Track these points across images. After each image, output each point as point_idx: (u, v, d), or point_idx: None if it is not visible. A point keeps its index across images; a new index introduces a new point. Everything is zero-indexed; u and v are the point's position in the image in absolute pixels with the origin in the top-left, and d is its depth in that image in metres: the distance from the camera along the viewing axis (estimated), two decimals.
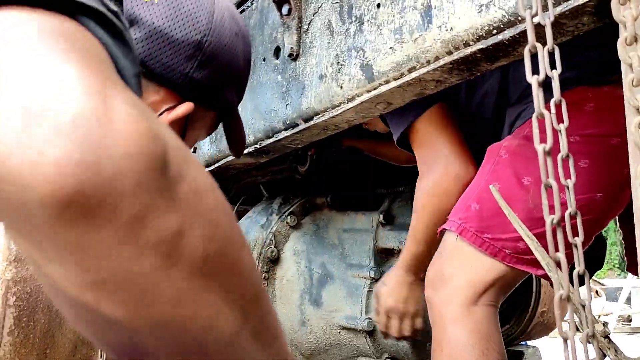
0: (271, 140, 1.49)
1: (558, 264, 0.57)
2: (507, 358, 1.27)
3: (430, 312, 1.31)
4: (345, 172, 2.25)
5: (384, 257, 1.91)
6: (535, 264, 1.22)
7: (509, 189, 1.22)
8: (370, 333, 1.83)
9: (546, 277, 1.27)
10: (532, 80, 0.65)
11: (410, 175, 2.04)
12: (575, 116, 1.18)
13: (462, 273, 1.25)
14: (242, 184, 2.27)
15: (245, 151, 1.59)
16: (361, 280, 1.89)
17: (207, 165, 1.78)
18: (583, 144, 1.19)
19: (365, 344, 1.86)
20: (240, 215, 2.23)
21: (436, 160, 1.47)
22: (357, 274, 1.91)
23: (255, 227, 2.01)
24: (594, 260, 1.64)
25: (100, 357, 1.44)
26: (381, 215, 1.90)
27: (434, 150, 1.48)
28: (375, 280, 1.86)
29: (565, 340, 0.55)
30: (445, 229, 1.32)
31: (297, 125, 1.38)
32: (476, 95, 1.53)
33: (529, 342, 2.44)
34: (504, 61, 0.97)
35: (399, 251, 1.86)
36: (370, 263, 1.89)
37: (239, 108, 1.59)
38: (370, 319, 1.82)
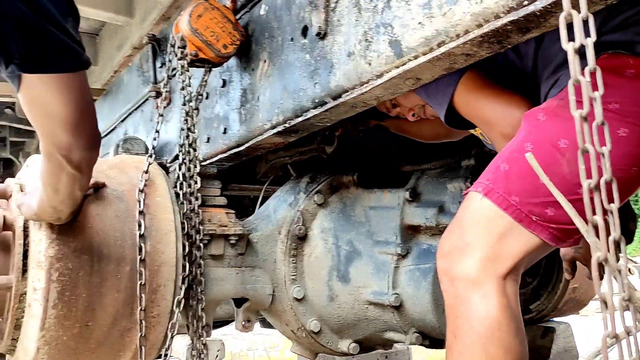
0: (300, 119, 1.49)
1: (595, 228, 0.57)
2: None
3: (448, 286, 1.20)
4: (372, 151, 2.25)
5: (410, 233, 1.91)
6: (560, 234, 1.17)
7: (544, 151, 1.14)
8: (397, 308, 1.83)
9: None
10: (568, 46, 0.64)
11: (435, 153, 2.03)
12: (614, 81, 1.13)
13: (487, 242, 1.15)
14: (270, 164, 2.28)
15: (274, 130, 1.60)
16: (388, 256, 1.90)
17: (238, 145, 1.79)
18: (621, 112, 1.12)
19: (392, 319, 1.87)
20: (268, 195, 2.24)
21: (492, 126, 1.40)
22: (384, 251, 1.91)
23: (283, 206, 2.02)
24: (624, 234, 1.61)
25: (139, 331, 1.47)
26: (407, 193, 1.89)
27: (484, 116, 1.41)
28: (401, 256, 1.86)
29: (604, 303, 0.54)
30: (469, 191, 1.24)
31: (325, 103, 1.38)
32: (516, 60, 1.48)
33: (560, 319, 2.42)
34: (535, 32, 0.95)
35: (426, 228, 1.86)
36: (397, 240, 1.89)
37: (267, 87, 1.60)
38: (397, 294, 1.83)
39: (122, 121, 2.79)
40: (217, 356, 2.80)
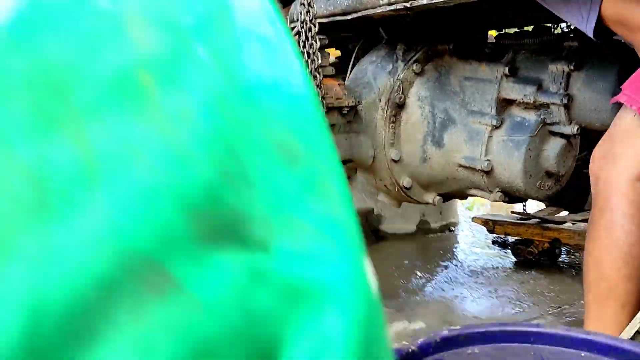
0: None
1: None
2: None
3: (594, 185, 1.48)
4: (469, 20, 2.44)
5: (504, 106, 2.21)
6: None
7: None
8: (488, 172, 2.21)
9: None
10: None
11: (533, 31, 2.24)
12: None
13: (632, 153, 1.40)
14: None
15: (393, 7, 1.82)
16: (482, 126, 2.22)
17: (343, 14, 2.01)
18: None
19: (481, 181, 2.26)
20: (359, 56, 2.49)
21: None
22: (478, 121, 2.23)
23: (383, 74, 2.30)
24: None
25: None
26: (507, 68, 2.16)
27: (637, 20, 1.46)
28: (495, 127, 2.19)
29: None
30: (620, 102, 1.44)
31: None
32: None
33: None
34: None
35: (520, 102, 2.16)
36: (492, 111, 2.20)
37: None
38: (489, 160, 2.19)
39: None
40: None
